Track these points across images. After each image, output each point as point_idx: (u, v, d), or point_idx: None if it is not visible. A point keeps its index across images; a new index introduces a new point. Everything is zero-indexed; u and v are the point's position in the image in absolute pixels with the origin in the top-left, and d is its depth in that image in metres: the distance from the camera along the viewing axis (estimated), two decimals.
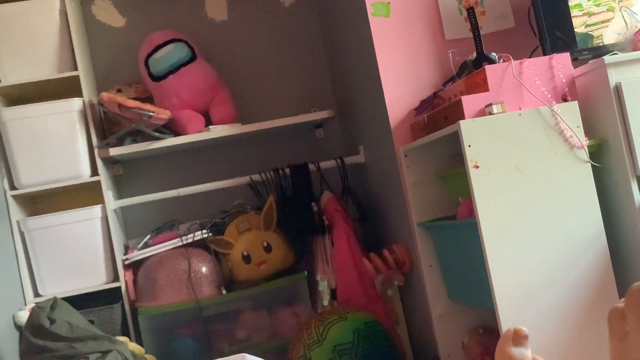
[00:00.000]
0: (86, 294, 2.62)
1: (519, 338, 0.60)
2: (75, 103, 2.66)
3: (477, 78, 2.01)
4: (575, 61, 2.12)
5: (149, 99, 2.90)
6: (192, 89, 2.84)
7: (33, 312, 2.21)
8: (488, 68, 1.97)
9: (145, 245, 2.74)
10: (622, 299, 0.57)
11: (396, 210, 2.53)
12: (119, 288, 2.65)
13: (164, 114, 2.71)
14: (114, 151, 2.71)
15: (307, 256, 2.79)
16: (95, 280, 2.64)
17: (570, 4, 2.20)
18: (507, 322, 1.80)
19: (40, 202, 2.90)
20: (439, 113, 2.09)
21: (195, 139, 2.79)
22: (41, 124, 2.62)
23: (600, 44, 2.22)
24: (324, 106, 3.09)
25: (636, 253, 1.93)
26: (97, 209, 2.66)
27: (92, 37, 3.06)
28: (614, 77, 1.93)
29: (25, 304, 2.56)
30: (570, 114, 1.90)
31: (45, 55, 2.72)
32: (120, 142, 2.76)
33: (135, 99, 2.80)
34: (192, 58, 2.87)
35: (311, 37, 3.23)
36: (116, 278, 2.67)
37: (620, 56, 1.98)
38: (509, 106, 1.94)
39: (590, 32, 2.21)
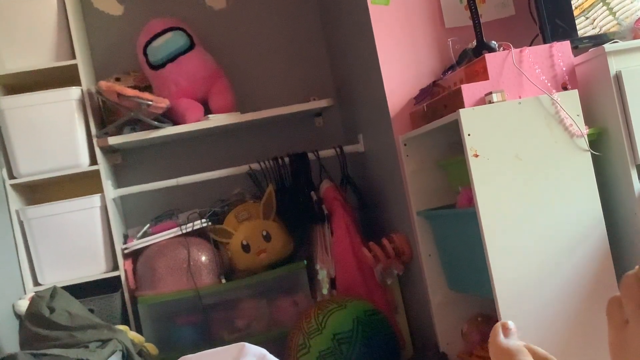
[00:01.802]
0: (86, 283, 2.62)
1: (507, 330, 0.60)
2: (74, 92, 2.65)
3: (477, 66, 2.01)
4: (576, 49, 2.11)
5: (147, 88, 2.89)
6: (191, 78, 2.84)
7: (33, 301, 2.22)
8: (488, 56, 1.96)
9: (145, 235, 2.74)
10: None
11: (395, 199, 2.53)
12: (118, 277, 2.65)
13: (162, 103, 2.70)
14: (112, 140, 2.71)
15: (307, 245, 2.80)
16: (95, 269, 2.65)
17: None
18: (506, 310, 1.81)
19: (39, 191, 2.89)
20: (438, 102, 2.09)
21: (194, 128, 2.78)
22: (40, 113, 2.61)
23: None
24: (323, 95, 3.08)
25: (635, 242, 1.93)
26: (96, 198, 2.66)
27: (90, 26, 3.05)
28: (614, 65, 1.92)
29: (25, 293, 2.56)
30: (570, 103, 1.90)
31: (43, 43, 2.71)
32: (119, 131, 2.76)
33: (133, 87, 2.80)
34: (191, 46, 2.86)
35: (311, 26, 3.22)
36: (116, 267, 2.67)
37: (621, 44, 1.97)
38: (509, 95, 1.93)
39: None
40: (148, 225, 2.81)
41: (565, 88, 1.98)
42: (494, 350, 0.58)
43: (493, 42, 2.10)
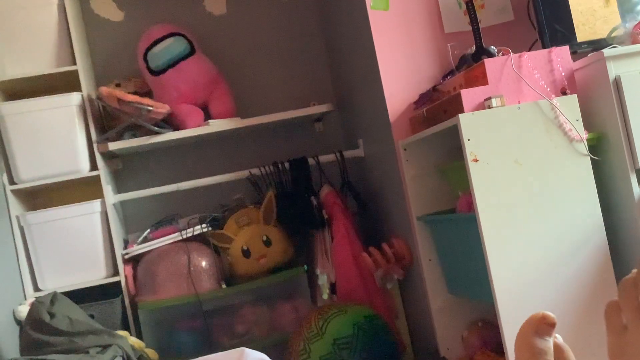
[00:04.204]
0: (86, 289, 2.62)
1: (545, 326, 0.54)
2: (74, 97, 2.66)
3: (477, 71, 2.01)
4: (575, 54, 2.11)
5: (148, 94, 2.89)
6: (191, 83, 2.84)
7: (33, 306, 2.22)
8: (487, 61, 1.97)
9: (145, 240, 2.74)
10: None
11: (395, 204, 2.53)
12: (118, 282, 2.65)
13: (163, 109, 2.70)
14: (113, 146, 2.71)
15: (307, 250, 2.80)
16: (95, 274, 2.65)
17: None
18: (506, 315, 1.81)
19: (39, 197, 2.90)
20: (438, 107, 2.09)
21: (194, 134, 2.79)
22: (40, 119, 2.61)
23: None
24: (323, 100, 3.08)
25: (635, 246, 1.93)
26: (96, 204, 2.66)
27: (90, 32, 3.05)
28: (613, 70, 1.93)
29: (26, 299, 2.56)
30: (569, 108, 1.90)
31: (44, 49, 2.71)
32: (119, 137, 2.76)
33: (134, 93, 2.80)
34: (191, 52, 2.86)
35: (310, 31, 3.22)
36: (116, 272, 2.67)
37: (620, 49, 1.97)
38: (508, 100, 1.94)
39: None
40: (148, 230, 2.81)
41: (564, 93, 1.98)
42: (520, 342, 0.54)
43: (492, 47, 2.11)
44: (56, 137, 2.62)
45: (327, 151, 2.87)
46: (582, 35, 2.19)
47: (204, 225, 2.70)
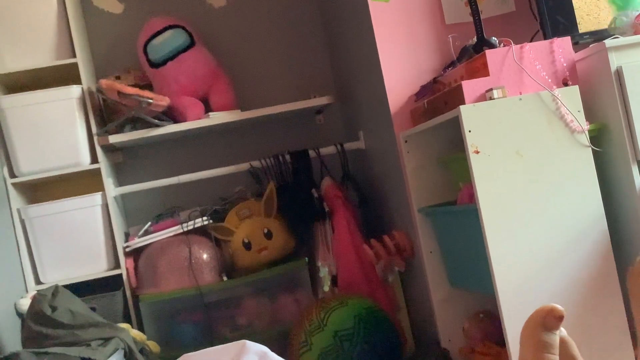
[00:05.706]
0: (87, 281, 2.62)
1: (553, 319, 0.52)
2: (74, 90, 2.65)
3: (478, 63, 2.00)
4: (576, 45, 2.10)
5: (148, 86, 2.89)
6: (191, 76, 2.83)
7: (34, 299, 2.22)
8: (488, 53, 1.96)
9: (146, 233, 2.74)
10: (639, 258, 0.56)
11: (396, 196, 2.53)
12: (120, 275, 2.65)
13: (163, 101, 2.70)
14: (113, 138, 2.71)
15: (308, 243, 2.80)
16: (97, 267, 2.65)
17: None
18: (507, 307, 1.81)
19: (40, 190, 2.90)
20: (439, 98, 2.09)
21: (194, 126, 2.78)
22: (40, 112, 2.61)
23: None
24: (323, 92, 3.08)
25: (636, 238, 1.93)
26: (97, 197, 2.66)
27: (90, 24, 3.05)
28: (615, 61, 1.92)
29: (27, 292, 2.56)
30: (570, 99, 1.89)
31: (44, 42, 2.71)
32: (119, 130, 2.76)
33: (134, 85, 2.80)
34: (191, 44, 2.85)
35: (311, 23, 3.21)
36: (117, 265, 2.68)
37: (621, 40, 1.96)
38: (510, 91, 1.93)
39: None
40: (149, 223, 2.81)
41: (565, 84, 1.98)
42: (525, 335, 0.52)
43: (493, 38, 2.10)
44: (56, 130, 2.62)
45: (327, 143, 2.86)
46: (586, 25, 2.18)
47: (205, 218, 2.70)
